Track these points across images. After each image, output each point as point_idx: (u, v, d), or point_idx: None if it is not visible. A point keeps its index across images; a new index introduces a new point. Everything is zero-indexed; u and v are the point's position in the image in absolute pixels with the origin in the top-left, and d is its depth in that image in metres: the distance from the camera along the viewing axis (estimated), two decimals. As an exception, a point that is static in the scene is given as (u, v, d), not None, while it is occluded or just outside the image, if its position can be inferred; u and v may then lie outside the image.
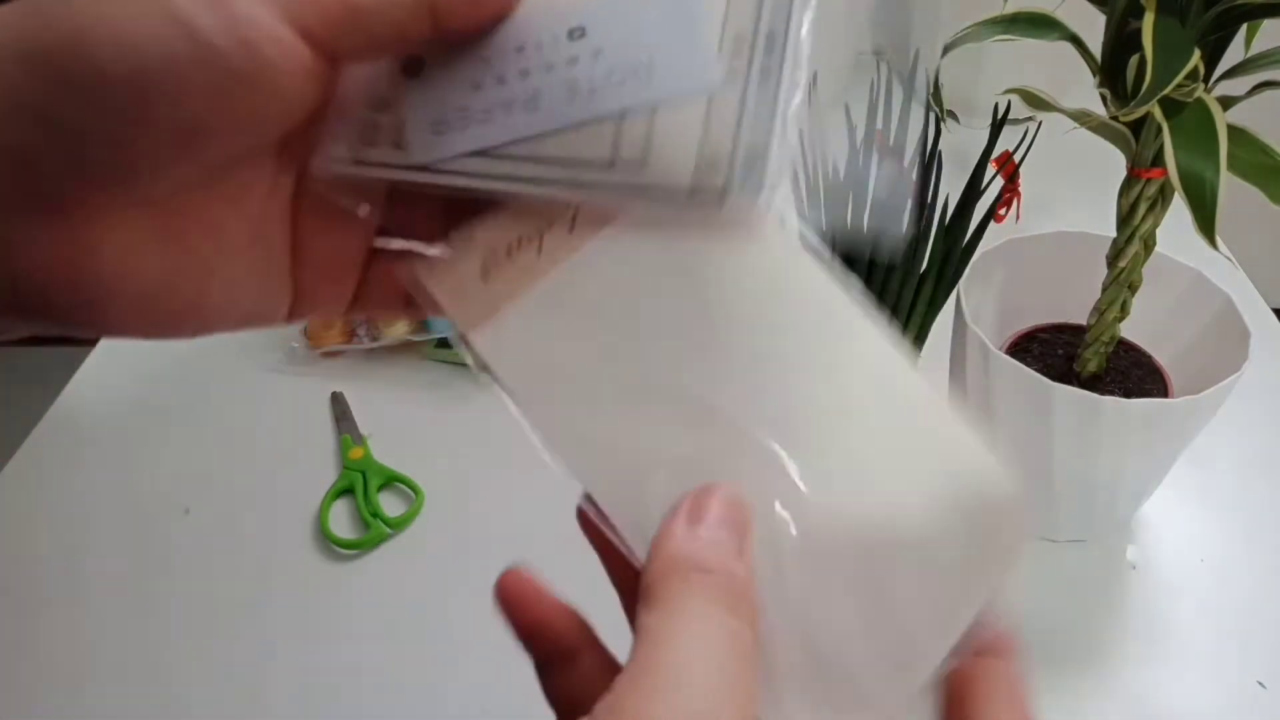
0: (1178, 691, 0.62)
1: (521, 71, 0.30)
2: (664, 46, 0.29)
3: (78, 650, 0.67)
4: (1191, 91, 0.49)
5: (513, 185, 0.30)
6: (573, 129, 0.29)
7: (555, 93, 0.30)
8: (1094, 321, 0.64)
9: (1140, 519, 0.72)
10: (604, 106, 0.29)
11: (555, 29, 0.30)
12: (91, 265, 0.27)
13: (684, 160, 0.29)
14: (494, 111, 0.30)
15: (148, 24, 0.25)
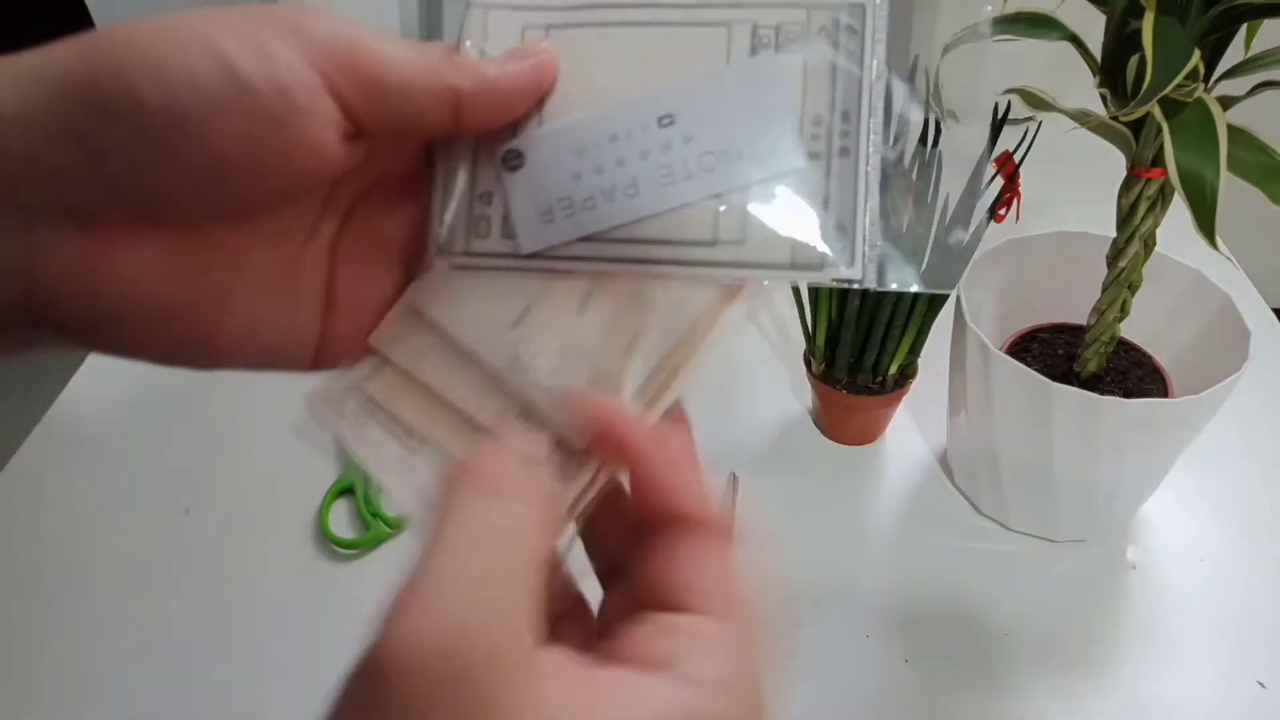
0: (1178, 691, 0.62)
1: (618, 160, 0.32)
2: (751, 132, 0.32)
3: (78, 649, 0.67)
4: (1191, 91, 0.48)
5: (620, 266, 0.32)
6: (672, 212, 0.32)
7: (652, 178, 0.32)
8: (1094, 321, 0.63)
9: (1140, 519, 0.72)
10: (700, 190, 0.32)
11: (646, 118, 0.32)
12: (108, 281, 0.28)
13: (781, 237, 0.31)
14: (596, 199, 0.32)
15: (189, 59, 0.26)
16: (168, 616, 0.69)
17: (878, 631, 0.65)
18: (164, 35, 0.26)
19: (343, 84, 0.28)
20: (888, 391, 0.74)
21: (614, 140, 0.32)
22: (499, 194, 0.33)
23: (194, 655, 0.66)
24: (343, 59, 0.28)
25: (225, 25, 0.27)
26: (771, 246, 0.31)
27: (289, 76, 0.27)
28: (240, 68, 0.26)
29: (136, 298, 0.28)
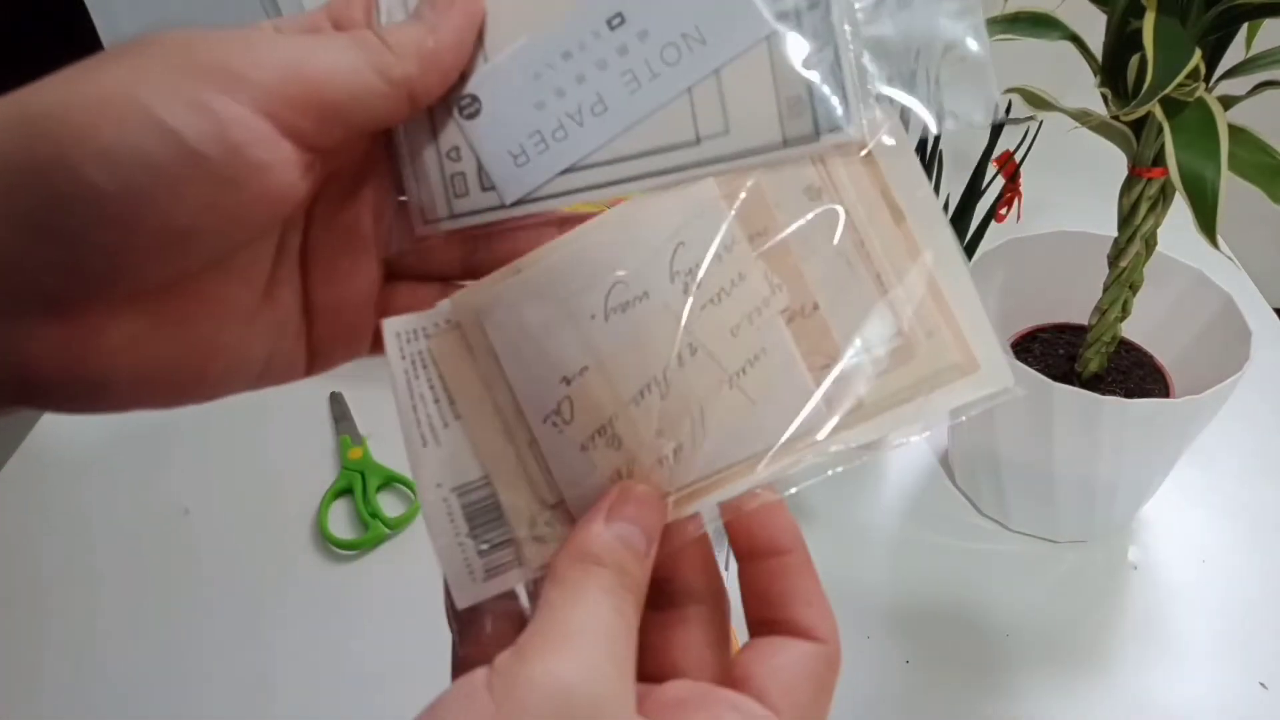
0: (1179, 692, 0.62)
1: (577, 77, 0.30)
2: (707, 8, 0.29)
3: (77, 649, 0.67)
4: (1192, 91, 0.48)
5: (609, 190, 0.30)
6: (647, 119, 0.30)
7: (617, 88, 0.30)
8: (1095, 321, 0.63)
9: (1141, 520, 0.72)
10: (669, 89, 0.30)
11: (595, 23, 0.30)
12: (91, 358, 0.27)
13: (767, 116, 0.29)
14: (565, 125, 0.30)
15: (135, 136, 0.25)
16: (167, 616, 0.69)
17: (878, 632, 0.65)
18: (100, 111, 0.25)
19: (295, 120, 0.27)
20: (888, 391, 0.74)
21: (567, 57, 0.30)
22: (465, 146, 0.31)
23: (193, 655, 0.66)
24: (290, 95, 0.27)
25: (157, 86, 0.25)
26: (759, 128, 0.29)
27: (241, 134, 0.26)
28: (189, 138, 0.25)
29: (123, 365, 0.28)
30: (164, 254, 0.27)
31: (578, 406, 0.30)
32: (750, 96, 0.29)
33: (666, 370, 0.30)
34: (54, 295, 0.26)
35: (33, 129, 0.25)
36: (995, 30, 0.58)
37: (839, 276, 0.30)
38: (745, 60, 0.29)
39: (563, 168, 0.31)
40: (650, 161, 0.30)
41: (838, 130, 0.29)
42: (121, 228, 0.26)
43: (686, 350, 0.30)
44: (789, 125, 0.29)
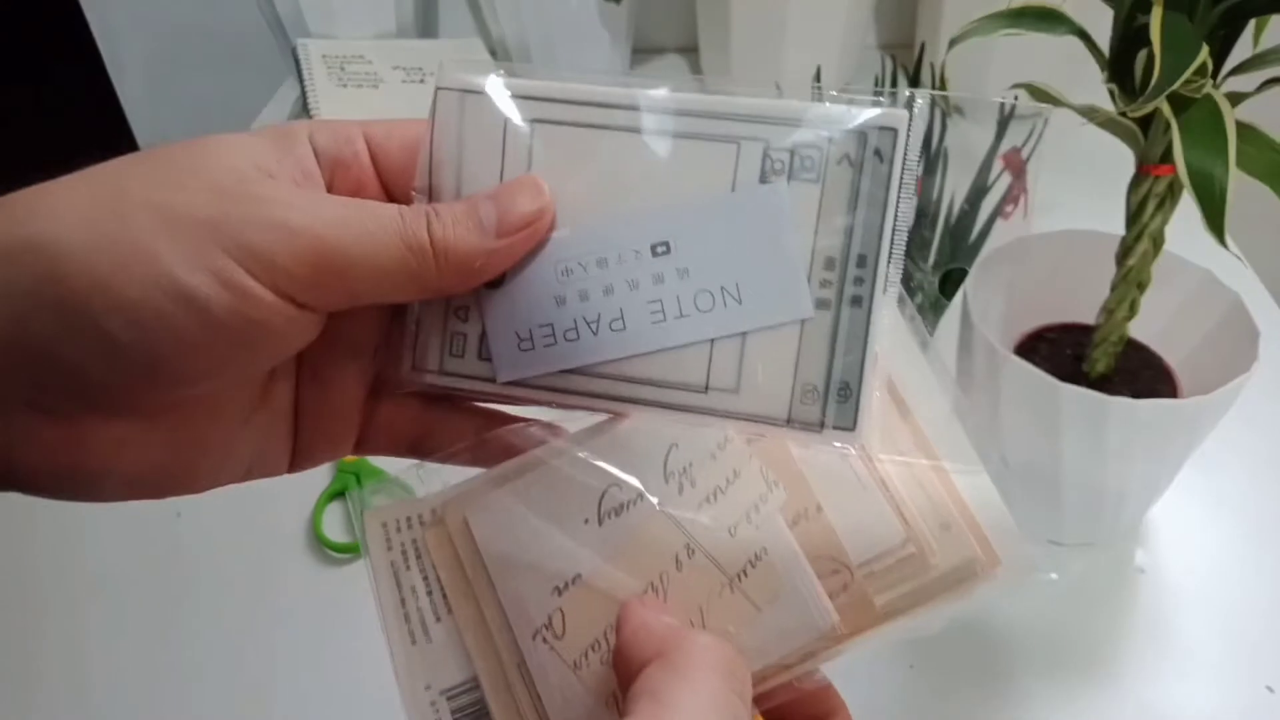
0: (1186, 696, 0.61)
1: (605, 288, 0.30)
2: (754, 271, 0.29)
3: (69, 653, 0.67)
4: (1200, 87, 0.48)
5: (604, 404, 0.30)
6: (663, 352, 0.30)
7: (642, 313, 0.29)
8: (1102, 321, 0.63)
9: (1149, 522, 0.71)
10: (694, 333, 0.29)
11: (639, 242, 0.30)
12: (82, 458, 0.28)
13: (779, 392, 0.29)
14: (579, 329, 0.30)
15: (158, 300, 0.25)
16: (160, 620, 0.68)
17: (881, 636, 0.65)
18: (125, 266, 0.25)
19: (319, 299, 0.28)
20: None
21: (602, 265, 0.29)
22: (476, 310, 0.31)
23: (186, 658, 0.66)
24: (320, 282, 0.27)
25: (185, 251, 0.26)
26: (767, 400, 0.29)
27: (263, 312, 0.27)
28: (213, 310, 0.26)
29: (115, 466, 0.29)
30: (168, 390, 0.28)
31: (570, 619, 0.29)
32: (769, 368, 0.29)
33: (664, 575, 0.29)
34: (56, 408, 0.27)
35: (54, 268, 0.25)
36: (1001, 25, 0.57)
37: (842, 477, 0.30)
38: (775, 333, 0.29)
39: (564, 368, 0.30)
40: (653, 392, 0.30)
41: (845, 432, 0.29)
42: (130, 372, 0.26)
43: (684, 552, 0.29)
44: (797, 409, 0.29)
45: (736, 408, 0.29)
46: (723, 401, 0.29)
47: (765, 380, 0.29)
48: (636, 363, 0.30)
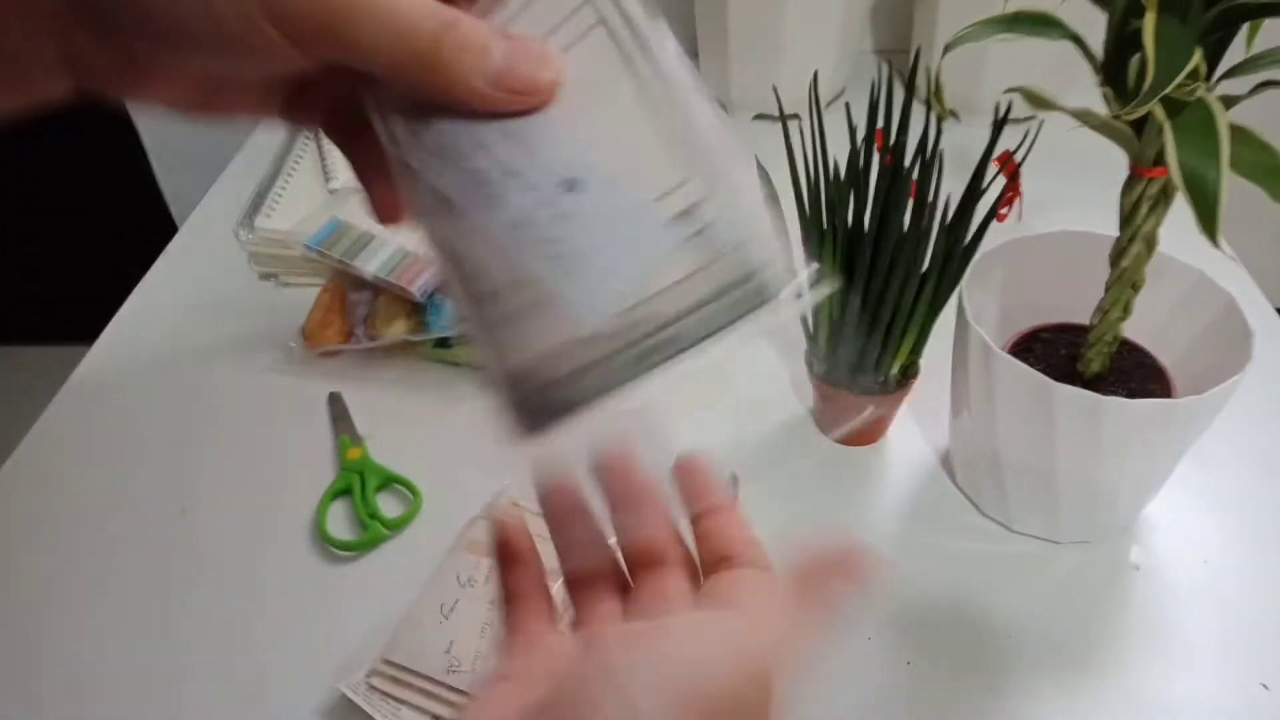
0: (1181, 693, 0.62)
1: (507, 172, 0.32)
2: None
3: (74, 649, 0.67)
4: (1193, 91, 0.48)
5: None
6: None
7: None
8: (1097, 321, 0.63)
9: (1144, 520, 0.72)
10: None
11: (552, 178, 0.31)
12: (129, 79, 0.34)
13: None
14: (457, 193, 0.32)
15: (189, 11, 0.30)
16: (164, 617, 0.69)
17: (880, 633, 0.65)
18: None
19: (319, 54, 0.31)
20: (890, 392, 0.74)
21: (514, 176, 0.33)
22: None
23: (190, 656, 0.66)
24: (323, 34, 0.30)
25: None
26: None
27: (263, 46, 0.30)
28: (225, 33, 0.30)
29: (152, 93, 0.35)
30: (183, 58, 0.33)
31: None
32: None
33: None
34: (104, 38, 0.32)
35: None
36: (995, 30, 0.57)
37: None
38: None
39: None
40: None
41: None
42: (155, 38, 0.31)
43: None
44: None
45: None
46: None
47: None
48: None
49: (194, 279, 1.01)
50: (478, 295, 0.32)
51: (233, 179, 1.14)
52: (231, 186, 1.12)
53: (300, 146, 1.08)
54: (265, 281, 0.99)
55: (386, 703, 0.60)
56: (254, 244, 0.97)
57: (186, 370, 0.89)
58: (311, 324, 0.88)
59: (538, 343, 0.31)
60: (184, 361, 0.90)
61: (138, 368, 0.90)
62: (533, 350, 0.31)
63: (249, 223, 0.97)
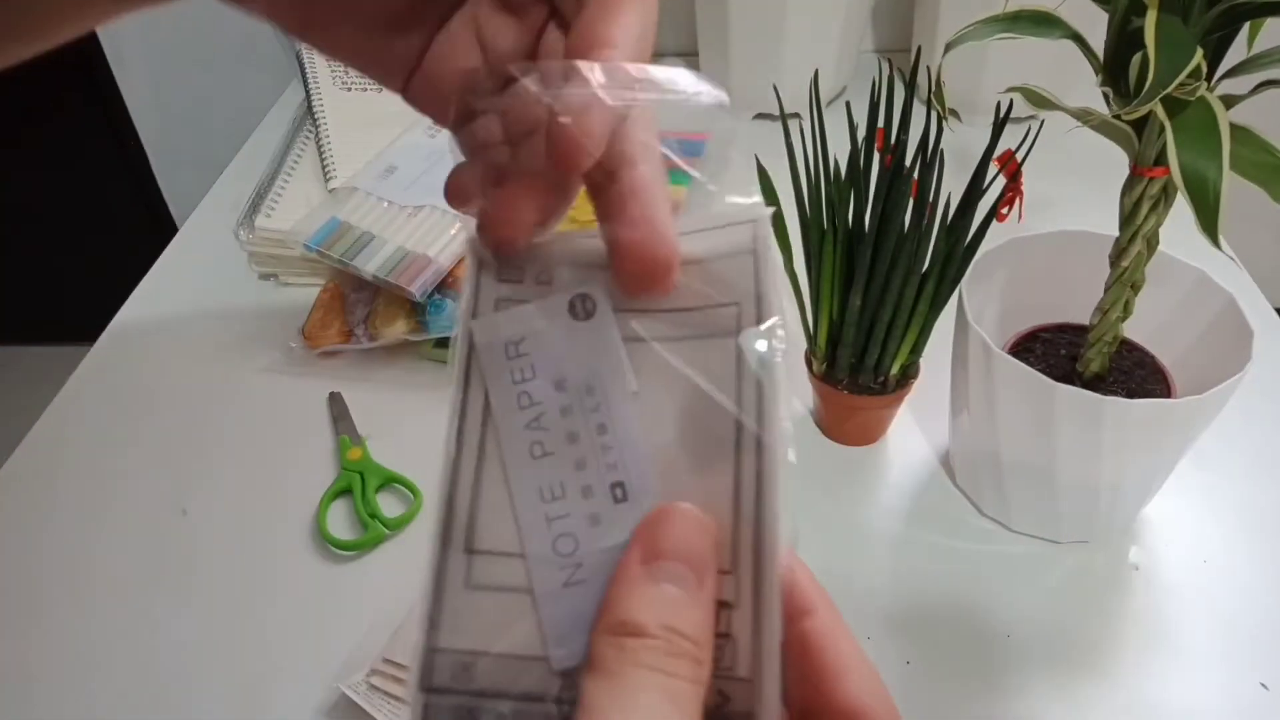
0: (1180, 693, 0.62)
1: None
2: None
3: (75, 650, 0.67)
4: (1194, 90, 0.48)
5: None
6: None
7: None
8: (1097, 321, 0.63)
9: (1143, 520, 0.72)
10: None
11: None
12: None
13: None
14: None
15: None
16: (165, 617, 0.69)
17: (879, 633, 0.65)
18: None
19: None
20: (889, 392, 0.74)
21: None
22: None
23: (191, 656, 0.66)
24: None
25: None
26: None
27: None
28: None
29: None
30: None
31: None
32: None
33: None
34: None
35: None
36: (996, 29, 0.57)
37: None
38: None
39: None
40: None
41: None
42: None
43: None
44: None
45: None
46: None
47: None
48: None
49: (194, 279, 1.01)
50: (458, 545, 0.27)
51: (232, 179, 1.14)
52: (231, 186, 1.12)
53: (299, 146, 1.08)
54: (265, 281, 0.99)
55: (387, 703, 0.60)
56: (254, 244, 0.97)
57: (186, 370, 0.89)
58: (311, 324, 0.88)
59: (496, 639, 0.26)
60: (184, 361, 0.90)
61: (138, 368, 0.90)
62: (485, 639, 0.26)
63: (249, 223, 0.97)
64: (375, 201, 0.92)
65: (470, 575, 0.27)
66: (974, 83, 1.12)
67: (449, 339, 0.84)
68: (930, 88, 0.61)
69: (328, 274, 0.93)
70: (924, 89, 1.10)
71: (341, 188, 0.95)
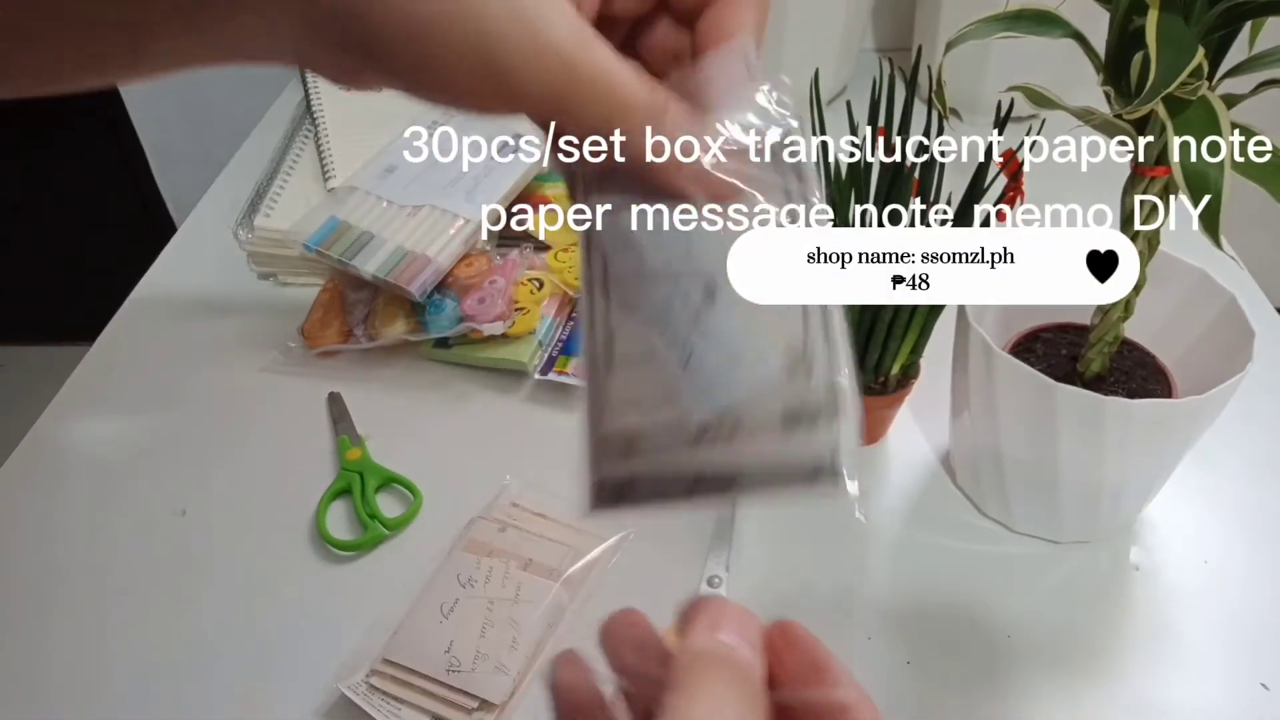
0: (1181, 693, 0.62)
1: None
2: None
3: (74, 650, 0.67)
4: (1195, 89, 0.48)
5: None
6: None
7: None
8: (1098, 321, 0.63)
9: (1144, 520, 0.72)
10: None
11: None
12: (346, 73, 0.34)
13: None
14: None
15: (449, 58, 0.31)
16: (164, 618, 0.69)
17: (880, 634, 0.65)
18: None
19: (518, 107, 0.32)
20: (890, 392, 0.74)
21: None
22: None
23: (191, 656, 0.66)
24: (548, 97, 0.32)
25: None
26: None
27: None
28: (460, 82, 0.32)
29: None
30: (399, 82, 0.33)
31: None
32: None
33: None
34: (336, 48, 0.32)
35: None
36: (997, 28, 0.57)
37: None
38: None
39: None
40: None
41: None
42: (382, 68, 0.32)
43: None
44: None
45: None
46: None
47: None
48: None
49: (193, 279, 1.01)
50: (602, 359, 0.34)
51: (231, 178, 1.14)
52: (230, 186, 1.12)
53: (299, 145, 1.08)
54: (264, 281, 0.99)
55: (387, 703, 0.60)
56: (253, 243, 0.97)
57: (186, 370, 0.89)
58: (311, 324, 0.88)
59: (642, 416, 0.33)
60: (184, 361, 0.90)
61: (138, 368, 0.90)
62: (633, 420, 0.33)
63: (248, 222, 0.97)
64: (375, 201, 0.92)
65: (612, 380, 0.33)
66: (975, 82, 1.12)
67: (448, 339, 0.85)
68: (931, 87, 0.61)
69: (327, 274, 0.93)
70: (925, 88, 1.10)
71: (341, 187, 0.95)
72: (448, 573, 0.66)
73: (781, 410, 0.31)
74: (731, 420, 0.32)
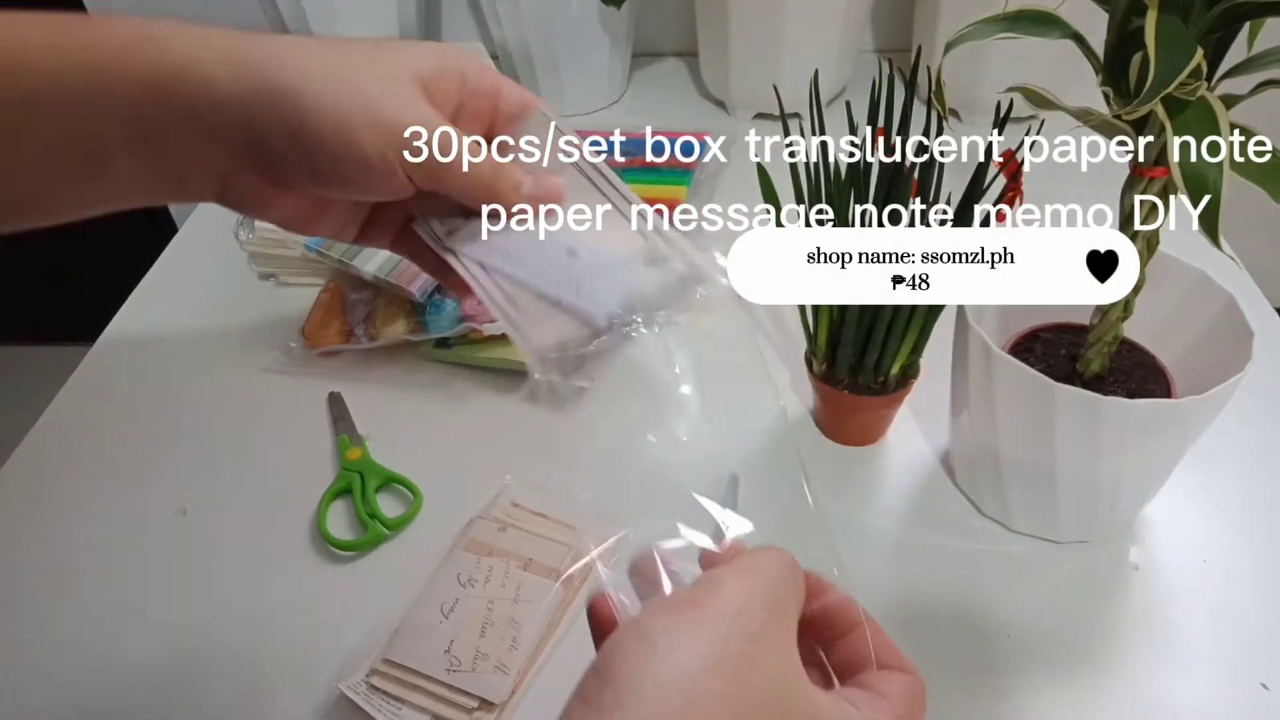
0: (1180, 693, 0.62)
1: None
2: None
3: (74, 650, 0.67)
4: (1194, 90, 0.48)
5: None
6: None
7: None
8: (1097, 321, 0.63)
9: (1143, 520, 0.72)
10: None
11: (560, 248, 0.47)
12: (257, 197, 0.47)
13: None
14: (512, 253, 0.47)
15: (353, 157, 0.43)
16: (164, 618, 0.69)
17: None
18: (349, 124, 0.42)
19: (414, 175, 0.45)
20: (889, 392, 0.74)
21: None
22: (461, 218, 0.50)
23: (190, 656, 0.66)
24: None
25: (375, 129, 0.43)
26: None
27: (396, 183, 0.45)
28: (374, 173, 0.44)
29: (275, 210, 0.47)
30: (322, 190, 0.46)
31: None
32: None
33: None
34: (254, 167, 0.44)
35: (299, 112, 0.41)
36: (996, 29, 0.57)
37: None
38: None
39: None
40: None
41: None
42: (308, 177, 0.44)
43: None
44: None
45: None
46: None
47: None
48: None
49: (194, 279, 1.01)
50: (509, 305, 0.45)
51: (232, 178, 1.14)
52: (231, 186, 1.12)
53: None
54: (265, 281, 0.99)
55: (387, 703, 0.60)
56: (254, 244, 0.97)
57: (186, 370, 0.89)
58: (311, 324, 0.88)
59: (560, 332, 0.44)
60: (184, 361, 0.90)
61: (138, 368, 0.90)
62: (556, 336, 0.44)
63: (249, 222, 0.97)
64: (375, 201, 0.92)
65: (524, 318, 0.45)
66: (974, 83, 1.12)
67: (449, 339, 0.85)
68: (930, 87, 0.61)
69: (328, 274, 0.93)
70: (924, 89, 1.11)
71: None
72: (448, 572, 0.66)
73: (658, 281, 0.44)
74: (627, 308, 0.43)
